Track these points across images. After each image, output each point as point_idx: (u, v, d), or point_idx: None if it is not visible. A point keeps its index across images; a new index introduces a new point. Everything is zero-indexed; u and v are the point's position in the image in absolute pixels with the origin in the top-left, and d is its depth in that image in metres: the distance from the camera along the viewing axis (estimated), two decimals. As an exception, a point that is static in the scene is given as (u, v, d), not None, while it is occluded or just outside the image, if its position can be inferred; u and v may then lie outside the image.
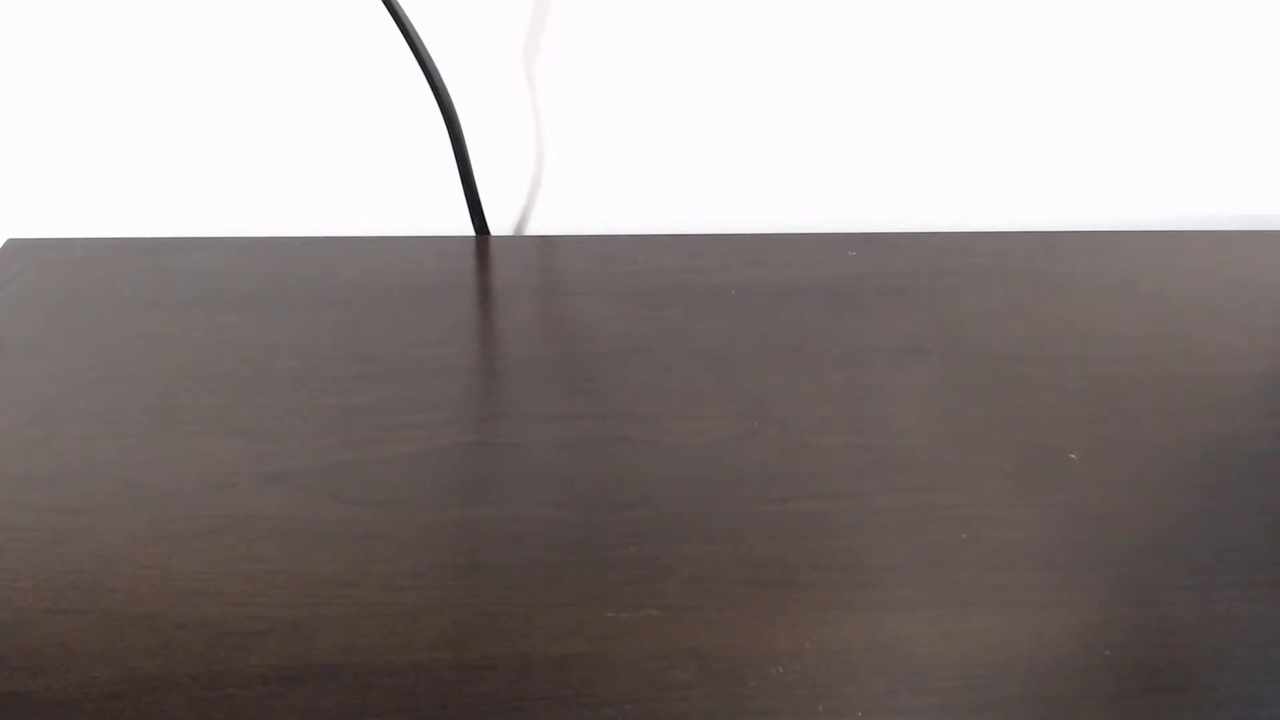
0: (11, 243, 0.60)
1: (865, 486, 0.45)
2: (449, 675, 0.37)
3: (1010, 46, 0.61)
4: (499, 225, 0.66)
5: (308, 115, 0.61)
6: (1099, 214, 0.68)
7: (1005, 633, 0.39)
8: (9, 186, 0.62)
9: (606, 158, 0.64)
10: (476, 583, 0.40)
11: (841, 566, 0.42)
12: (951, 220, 0.67)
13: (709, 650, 0.38)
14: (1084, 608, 0.40)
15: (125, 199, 0.63)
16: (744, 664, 0.38)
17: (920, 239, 0.63)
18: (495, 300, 0.57)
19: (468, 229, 0.64)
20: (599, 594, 0.40)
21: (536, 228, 0.67)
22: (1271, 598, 0.41)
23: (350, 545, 0.42)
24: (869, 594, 0.40)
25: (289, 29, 0.58)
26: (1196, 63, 0.62)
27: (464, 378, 0.51)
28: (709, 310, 0.56)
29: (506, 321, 0.56)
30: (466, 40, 0.58)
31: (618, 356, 0.52)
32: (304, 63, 0.59)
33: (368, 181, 0.63)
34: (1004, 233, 0.65)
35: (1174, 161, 0.66)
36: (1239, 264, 0.62)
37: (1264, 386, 0.52)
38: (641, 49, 0.60)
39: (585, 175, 0.64)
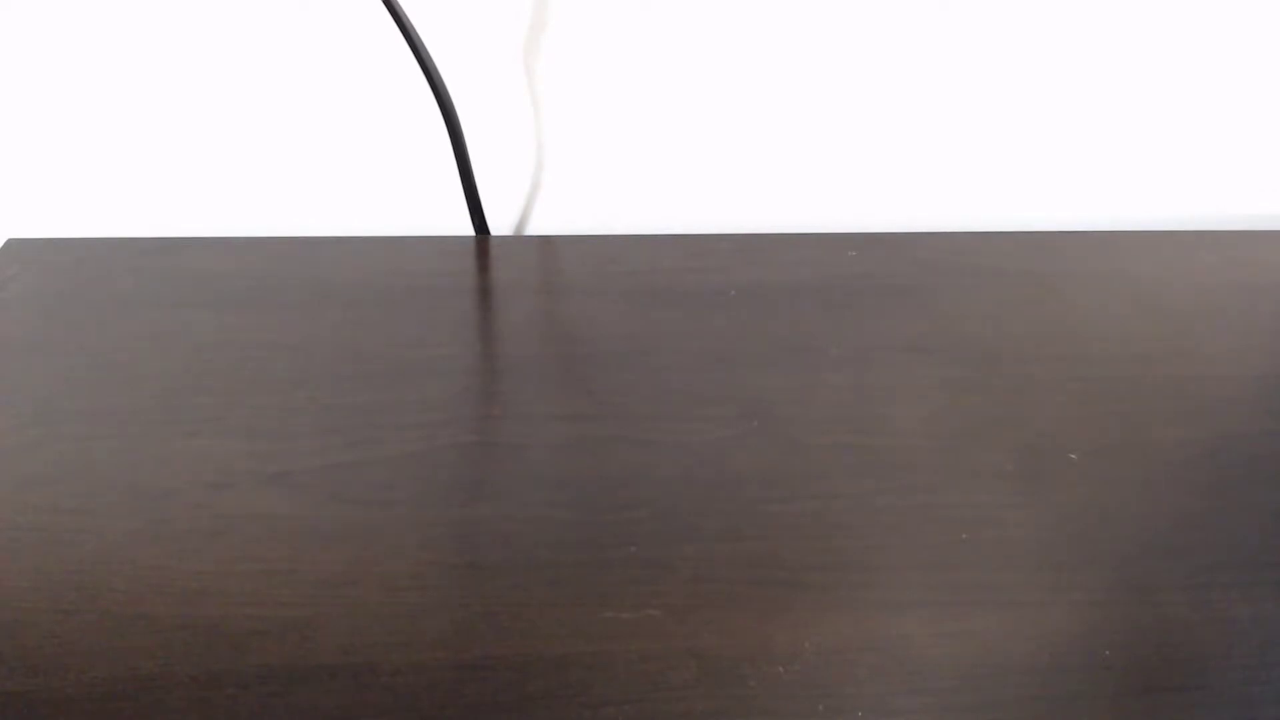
0: (11, 243, 0.60)
1: (865, 486, 0.45)
2: (449, 675, 0.37)
3: (1010, 46, 0.61)
4: (499, 225, 0.66)
5: (308, 115, 0.61)
6: (1099, 214, 0.68)
7: (1005, 633, 0.39)
8: (9, 186, 0.62)
9: (606, 158, 0.64)
10: (476, 583, 0.40)
11: (841, 566, 0.42)
12: (951, 220, 0.67)
13: (709, 650, 0.38)
14: (1084, 608, 0.40)
15: (125, 199, 0.63)
16: (744, 664, 0.38)
17: (920, 239, 0.63)
18: (495, 300, 0.57)
19: (468, 229, 0.64)
20: (599, 594, 0.40)
21: (536, 228, 0.67)
22: (1271, 598, 0.41)
23: (350, 545, 0.42)
24: (869, 594, 0.40)
25: (289, 29, 0.58)
26: (1196, 63, 0.62)
27: (464, 378, 0.51)
28: (709, 310, 0.56)
29: (506, 321, 0.56)
30: (466, 40, 0.58)
31: (618, 356, 0.52)
32: (304, 63, 0.59)
33: (368, 181, 0.63)
34: (1004, 233, 0.65)
35: (1174, 161, 0.66)
36: (1239, 264, 0.62)
37: (1264, 386, 0.52)
38: (641, 49, 0.60)
39: (585, 175, 0.64)
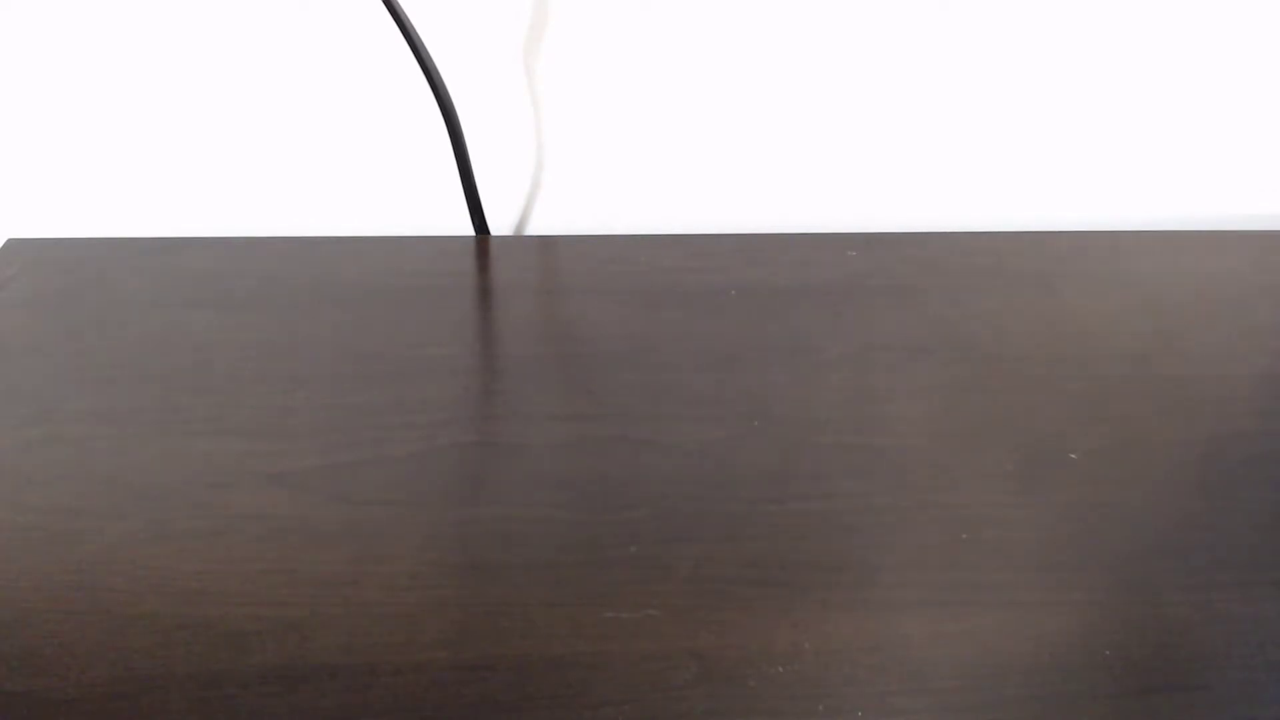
0: (11, 243, 0.60)
1: (865, 486, 0.45)
2: (449, 675, 0.37)
3: (1010, 46, 0.61)
4: (499, 225, 0.66)
5: (308, 115, 0.61)
6: (1099, 214, 0.68)
7: (1005, 633, 0.39)
8: (9, 186, 0.62)
9: (606, 158, 0.64)
10: (476, 583, 0.40)
11: (841, 566, 0.42)
12: (952, 220, 0.67)
13: (709, 650, 0.38)
14: (1084, 608, 0.40)
15: (125, 199, 0.63)
16: (744, 664, 0.38)
17: (920, 239, 0.63)
18: (495, 300, 0.57)
19: (468, 229, 0.64)
20: (599, 594, 0.40)
21: (536, 228, 0.67)
22: (1271, 598, 0.41)
23: (350, 545, 0.42)
24: (869, 594, 0.40)
25: (289, 29, 0.58)
26: (1196, 63, 0.62)
27: (464, 378, 0.51)
28: (709, 310, 0.56)
29: (506, 321, 0.56)
30: (466, 40, 0.58)
31: (618, 356, 0.52)
32: (304, 63, 0.59)
33: (368, 181, 0.63)
34: (1004, 233, 0.65)
35: (1174, 161, 0.66)
36: (1239, 264, 0.62)
37: (1264, 386, 0.52)
38: (641, 49, 0.60)
39: (585, 175, 0.64)
